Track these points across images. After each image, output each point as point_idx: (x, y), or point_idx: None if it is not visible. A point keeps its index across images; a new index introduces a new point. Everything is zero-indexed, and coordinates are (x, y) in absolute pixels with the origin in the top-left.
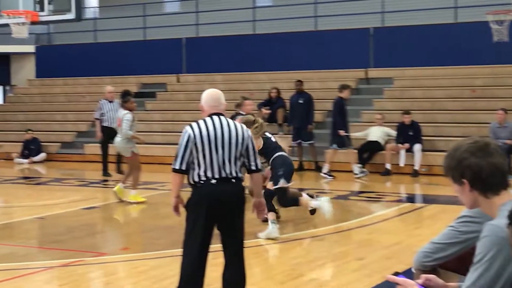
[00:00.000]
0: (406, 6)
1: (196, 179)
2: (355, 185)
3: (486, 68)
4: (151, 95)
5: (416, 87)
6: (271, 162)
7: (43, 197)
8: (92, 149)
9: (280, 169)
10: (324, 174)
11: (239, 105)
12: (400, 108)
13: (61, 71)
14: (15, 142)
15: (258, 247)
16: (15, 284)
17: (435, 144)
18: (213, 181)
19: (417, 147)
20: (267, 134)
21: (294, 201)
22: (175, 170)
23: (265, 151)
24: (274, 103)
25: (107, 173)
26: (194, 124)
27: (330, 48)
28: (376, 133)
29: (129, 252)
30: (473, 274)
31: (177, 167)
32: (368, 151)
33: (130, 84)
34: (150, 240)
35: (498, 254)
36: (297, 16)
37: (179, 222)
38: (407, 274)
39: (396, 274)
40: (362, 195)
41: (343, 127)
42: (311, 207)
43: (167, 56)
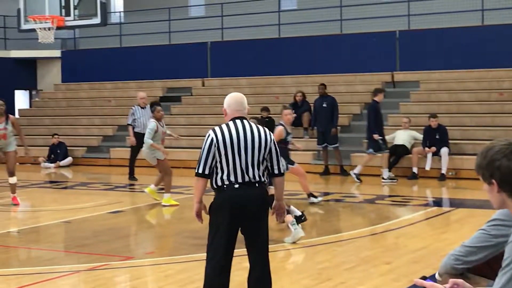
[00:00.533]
0: (432, 9)
1: (219, 183)
2: (382, 189)
3: None
4: (176, 99)
5: (442, 90)
6: None
7: (69, 201)
8: (118, 153)
9: None
10: (354, 174)
11: (265, 109)
12: (427, 111)
13: (86, 76)
14: (41, 146)
15: (285, 251)
16: None
17: (462, 147)
18: (236, 185)
19: (444, 151)
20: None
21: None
22: (198, 175)
23: None
24: (299, 106)
25: (133, 177)
26: (217, 128)
27: (355, 52)
28: (402, 136)
29: (155, 256)
30: (501, 279)
31: (200, 171)
32: (395, 155)
33: (155, 88)
34: (176, 244)
35: None
36: (322, 19)
37: (205, 226)
38: (435, 278)
39: (423, 278)
40: (388, 199)
41: (378, 130)
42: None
43: (192, 60)
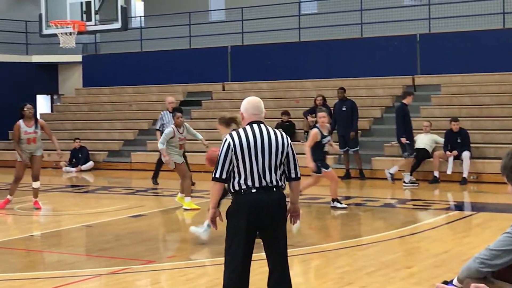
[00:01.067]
0: (453, 12)
1: (236, 187)
2: (403, 193)
3: None
4: (196, 104)
5: (464, 93)
6: None
7: (90, 205)
8: (139, 157)
9: None
10: (405, 184)
11: (285, 113)
12: (448, 115)
13: (107, 80)
14: (63, 150)
15: (305, 255)
16: None
17: (483, 151)
18: (253, 189)
19: (465, 155)
20: None
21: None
22: (215, 179)
23: None
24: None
25: (156, 181)
26: (234, 133)
27: (376, 55)
28: (423, 140)
29: (176, 260)
30: None
31: (217, 175)
32: (416, 159)
33: (176, 92)
34: (197, 247)
35: None
36: (342, 23)
37: (225, 230)
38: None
39: (445, 282)
40: (410, 203)
41: (406, 134)
42: (204, 224)
43: (212, 64)
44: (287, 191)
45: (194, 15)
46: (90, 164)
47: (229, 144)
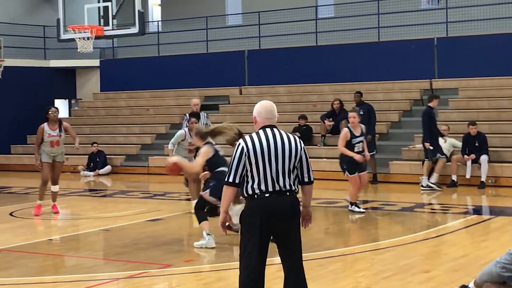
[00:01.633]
0: (470, 15)
1: (250, 192)
2: (421, 197)
3: None
4: (214, 108)
5: (481, 97)
6: (213, 173)
7: (108, 209)
8: (156, 161)
9: (213, 181)
10: (433, 184)
11: (302, 117)
12: (466, 118)
13: (125, 85)
14: (81, 155)
15: (322, 259)
16: None
17: (501, 155)
18: (267, 194)
19: (483, 158)
20: (216, 147)
21: (202, 218)
22: (228, 183)
23: (211, 162)
24: (337, 114)
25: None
26: (247, 137)
27: (393, 59)
28: (441, 144)
29: (193, 264)
30: None
31: (230, 180)
32: (434, 163)
33: (193, 97)
34: (214, 251)
35: None
36: (359, 27)
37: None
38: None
39: (463, 286)
40: (428, 207)
41: (431, 137)
42: (203, 234)
43: (229, 68)
44: (299, 195)
45: (211, 19)
46: (108, 168)
47: (242, 148)
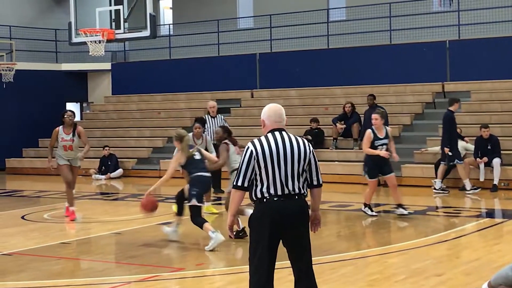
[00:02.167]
0: (482, 18)
1: (259, 195)
2: (433, 200)
3: None
4: (225, 111)
5: (494, 100)
6: (191, 179)
7: (120, 212)
8: (168, 165)
9: (194, 188)
10: (471, 190)
11: (314, 120)
12: (478, 121)
13: (136, 88)
14: (92, 158)
15: (334, 263)
16: None
17: None
18: (276, 198)
19: (496, 161)
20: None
21: (201, 223)
22: (237, 187)
23: (187, 167)
24: (349, 117)
25: (220, 189)
26: (256, 141)
27: (405, 62)
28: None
29: (205, 267)
30: None
31: (239, 184)
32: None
33: (204, 100)
34: (226, 255)
35: None
36: (371, 30)
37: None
38: None
39: None
40: (440, 210)
41: (451, 142)
42: (209, 235)
43: (241, 71)
44: (308, 198)
45: (222, 22)
46: (119, 171)
47: (251, 152)
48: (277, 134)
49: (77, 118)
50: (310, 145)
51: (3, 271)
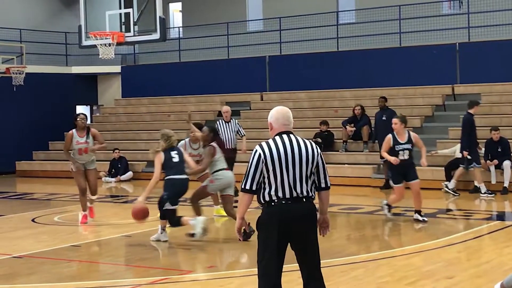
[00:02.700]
0: (492, 20)
1: (267, 198)
2: (444, 203)
3: None
4: (235, 114)
5: (504, 102)
6: (164, 182)
7: (130, 215)
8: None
9: (165, 192)
10: (485, 192)
11: (324, 123)
12: (488, 124)
13: (146, 91)
14: (102, 161)
15: (344, 265)
16: None
17: None
18: (284, 201)
19: (506, 164)
20: (172, 153)
21: (179, 222)
22: (245, 190)
23: (165, 169)
24: (358, 120)
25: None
26: (265, 144)
27: (415, 65)
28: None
29: (215, 270)
30: None
31: (247, 187)
32: (456, 168)
33: (214, 103)
34: (236, 257)
35: None
36: (381, 32)
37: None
38: None
39: None
40: (450, 213)
41: (471, 145)
42: (191, 224)
43: (250, 74)
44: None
45: (232, 25)
46: (129, 174)
47: (259, 155)
48: (285, 137)
49: (87, 121)
50: (318, 147)
51: (14, 273)
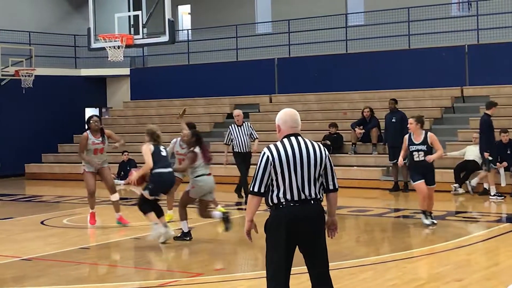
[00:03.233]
0: (501, 23)
1: (275, 200)
2: (453, 205)
3: None
4: (244, 116)
5: None
6: (151, 174)
7: (139, 217)
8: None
9: (150, 184)
10: (494, 196)
11: (333, 125)
12: (497, 126)
13: (155, 93)
14: (111, 163)
15: (353, 268)
16: None
17: None
18: (292, 203)
19: None
20: (160, 147)
21: (146, 210)
22: (253, 193)
23: (153, 162)
24: (367, 122)
25: (241, 194)
26: (273, 147)
27: (424, 67)
28: (473, 152)
29: (224, 272)
30: None
31: (255, 189)
32: (465, 171)
33: (223, 105)
34: (245, 260)
35: None
36: (390, 34)
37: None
38: None
39: None
40: (459, 215)
41: (490, 146)
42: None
43: (259, 76)
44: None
45: (240, 27)
46: None
47: (267, 158)
48: (293, 139)
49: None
50: (326, 149)
51: (23, 276)
